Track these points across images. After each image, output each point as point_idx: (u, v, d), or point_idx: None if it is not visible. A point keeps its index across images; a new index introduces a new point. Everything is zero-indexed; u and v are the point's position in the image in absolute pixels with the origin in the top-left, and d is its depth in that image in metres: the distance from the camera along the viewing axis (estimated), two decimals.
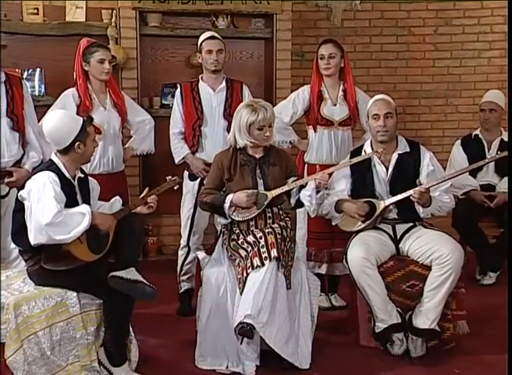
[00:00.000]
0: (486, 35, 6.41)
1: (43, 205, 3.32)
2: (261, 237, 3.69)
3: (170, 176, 3.90)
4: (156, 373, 3.73)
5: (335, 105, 4.56)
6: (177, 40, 5.69)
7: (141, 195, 3.74)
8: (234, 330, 3.57)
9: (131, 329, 3.65)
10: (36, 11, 5.38)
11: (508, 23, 5.86)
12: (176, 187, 3.91)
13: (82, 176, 3.62)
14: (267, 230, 3.73)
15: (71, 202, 3.45)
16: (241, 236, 3.81)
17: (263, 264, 3.59)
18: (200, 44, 4.51)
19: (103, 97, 4.50)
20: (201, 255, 4.03)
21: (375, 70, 6.43)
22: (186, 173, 4.54)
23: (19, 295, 3.42)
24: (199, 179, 4.48)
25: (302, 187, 3.88)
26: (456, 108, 6.54)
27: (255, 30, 5.85)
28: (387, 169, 4.08)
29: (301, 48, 6.20)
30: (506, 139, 5.31)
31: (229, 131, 4.40)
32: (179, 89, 4.58)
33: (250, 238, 3.75)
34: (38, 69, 5.36)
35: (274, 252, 3.61)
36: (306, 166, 4.63)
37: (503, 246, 5.01)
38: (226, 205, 3.78)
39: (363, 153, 4.12)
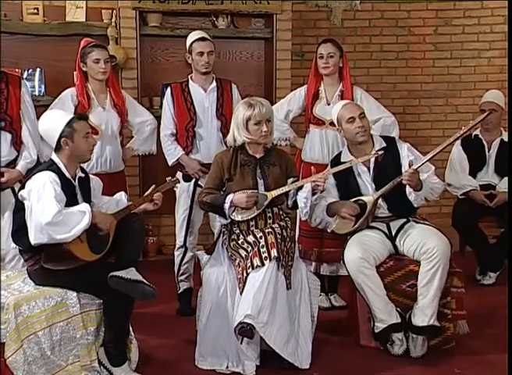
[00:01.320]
0: (486, 35, 6.41)
1: (43, 205, 3.31)
2: (261, 237, 3.69)
3: (170, 177, 3.92)
4: (156, 373, 3.73)
5: (329, 104, 4.55)
6: (177, 40, 5.68)
7: (146, 193, 3.76)
8: (234, 330, 3.57)
9: (131, 329, 3.65)
10: (36, 11, 5.38)
11: (508, 23, 5.86)
12: (175, 188, 3.92)
13: (83, 175, 3.62)
14: (267, 230, 3.73)
15: (71, 202, 3.44)
16: (241, 236, 3.81)
17: (263, 264, 3.59)
18: (190, 44, 4.48)
19: (103, 97, 4.50)
20: (201, 255, 4.03)
21: (375, 70, 6.42)
22: (179, 174, 4.52)
23: (19, 295, 3.42)
24: (194, 180, 4.48)
25: (300, 187, 3.88)
26: (456, 108, 6.54)
27: (255, 30, 5.84)
28: (368, 169, 4.09)
29: (301, 48, 6.20)
30: (506, 139, 5.31)
31: (222, 131, 4.42)
32: (169, 90, 4.56)
33: (250, 238, 3.75)
34: (38, 69, 5.36)
35: (274, 252, 3.61)
36: (302, 164, 4.64)
37: (503, 246, 5.02)
38: (226, 206, 3.77)
39: (342, 159, 4.11)
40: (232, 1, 5.60)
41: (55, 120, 3.56)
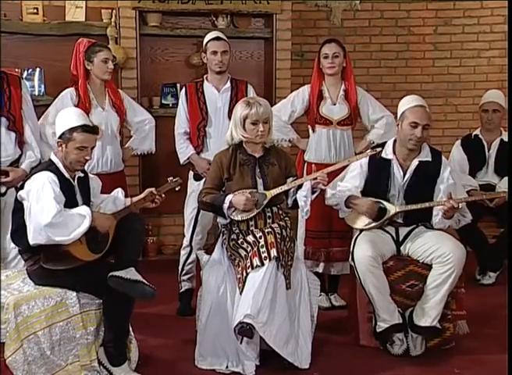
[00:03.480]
0: (486, 35, 6.42)
1: (42, 206, 3.31)
2: (260, 237, 3.69)
3: (172, 177, 3.90)
4: (156, 373, 3.73)
5: (334, 104, 4.56)
6: (177, 40, 5.69)
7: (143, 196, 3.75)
8: (234, 330, 3.57)
9: (131, 329, 3.65)
10: (36, 11, 5.38)
11: (508, 23, 5.86)
12: (177, 189, 3.92)
13: (82, 175, 3.62)
14: (266, 230, 3.73)
15: (70, 202, 3.44)
16: (241, 236, 3.80)
17: (263, 264, 3.59)
18: (206, 44, 4.50)
19: (101, 97, 4.51)
20: (201, 254, 4.03)
21: (375, 70, 6.43)
22: (191, 173, 4.55)
23: (18, 295, 3.41)
24: (204, 179, 4.48)
25: (300, 187, 3.88)
26: (455, 108, 6.55)
27: (255, 29, 5.85)
28: (405, 174, 4.04)
29: (301, 47, 6.21)
30: (506, 139, 5.31)
31: None
32: (184, 89, 4.58)
33: (250, 238, 3.74)
34: (38, 69, 5.36)
35: (273, 252, 3.61)
36: (305, 164, 4.63)
37: (502, 246, 5.02)
38: (225, 206, 3.77)
39: (384, 150, 4.09)
40: (232, 1, 5.60)
41: (66, 115, 3.55)
